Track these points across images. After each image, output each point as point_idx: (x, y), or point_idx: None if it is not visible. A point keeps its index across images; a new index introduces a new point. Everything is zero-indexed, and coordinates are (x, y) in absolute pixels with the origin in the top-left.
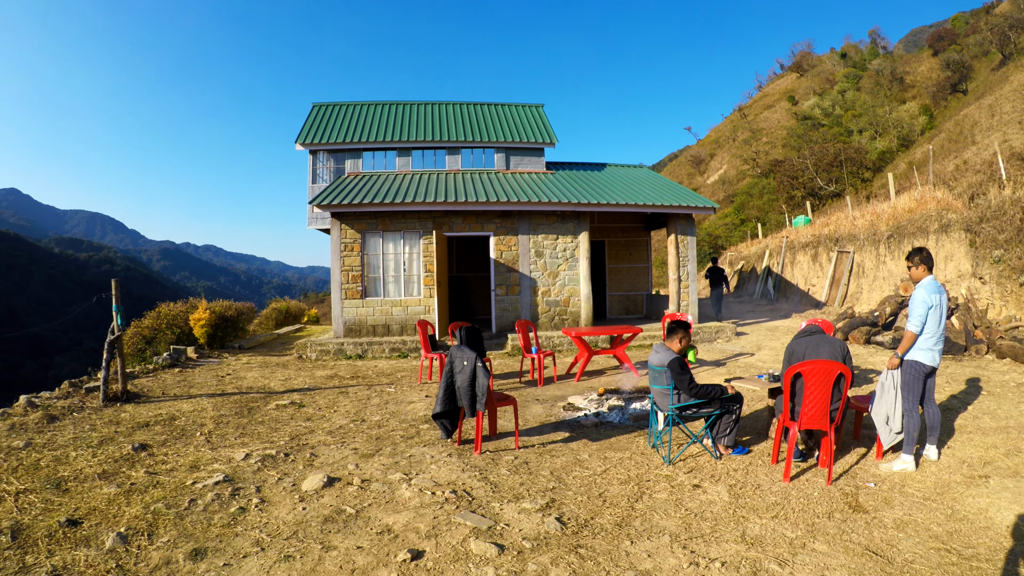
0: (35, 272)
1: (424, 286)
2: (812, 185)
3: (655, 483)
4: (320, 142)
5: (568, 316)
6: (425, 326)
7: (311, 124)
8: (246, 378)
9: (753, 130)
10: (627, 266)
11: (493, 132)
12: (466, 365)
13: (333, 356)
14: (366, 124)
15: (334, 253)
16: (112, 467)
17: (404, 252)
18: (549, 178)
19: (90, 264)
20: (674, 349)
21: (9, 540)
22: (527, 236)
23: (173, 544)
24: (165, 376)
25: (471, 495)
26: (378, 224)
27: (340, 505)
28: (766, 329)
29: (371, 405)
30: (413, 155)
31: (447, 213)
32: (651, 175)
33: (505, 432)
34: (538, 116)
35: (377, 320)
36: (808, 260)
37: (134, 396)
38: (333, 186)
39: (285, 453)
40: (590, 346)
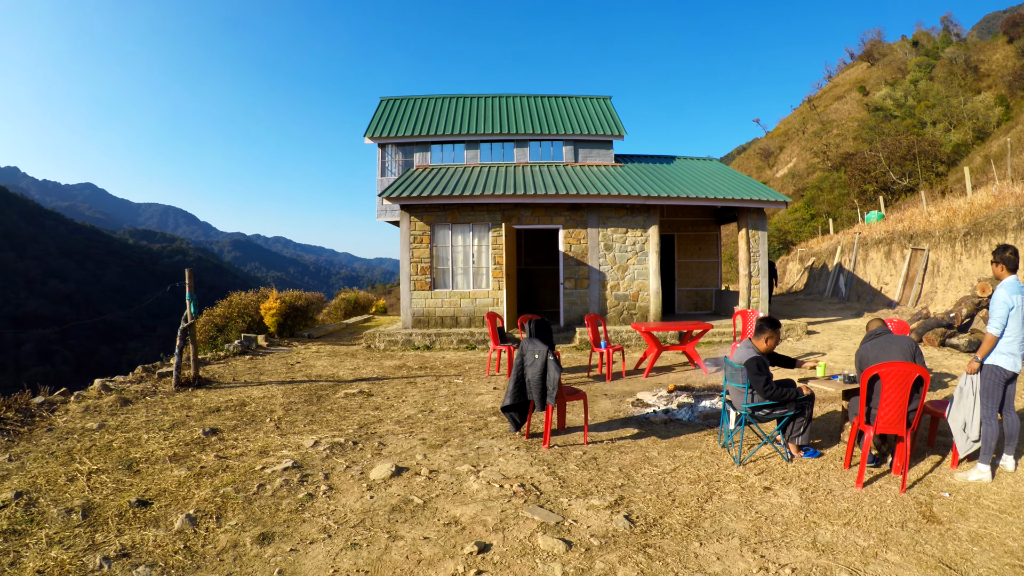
0: (110, 262)
1: (492, 278)
2: (884, 179)
3: (725, 484)
4: (388, 136)
5: (636, 311)
6: (494, 318)
7: (379, 118)
8: (315, 366)
9: (823, 122)
10: (696, 261)
11: (561, 124)
12: (537, 358)
13: (401, 346)
14: (434, 117)
15: (403, 245)
16: (183, 450)
17: (473, 244)
18: (618, 171)
19: (163, 255)
20: (760, 348)
21: (80, 518)
22: (596, 229)
23: (241, 528)
24: (236, 363)
25: (539, 489)
26: (447, 216)
27: (408, 495)
28: (837, 328)
29: (439, 396)
30: (481, 148)
31: (516, 206)
32: (721, 168)
33: (573, 427)
34: (606, 108)
35: (445, 312)
36: (881, 257)
37: (205, 382)
38: (402, 179)
39: (354, 441)
40: (659, 342)
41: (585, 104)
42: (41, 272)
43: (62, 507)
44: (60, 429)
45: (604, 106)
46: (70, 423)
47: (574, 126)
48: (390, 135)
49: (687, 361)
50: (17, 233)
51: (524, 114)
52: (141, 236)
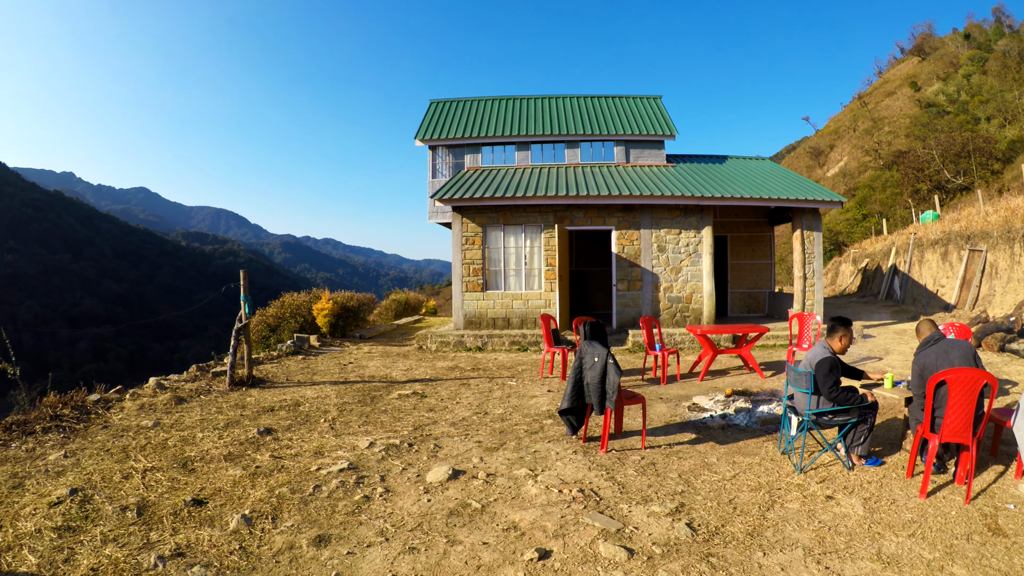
0: (163, 263)
1: (545, 280)
2: (939, 178)
3: (786, 492)
4: (439, 138)
5: (690, 313)
6: (548, 320)
7: (429, 120)
8: (368, 367)
9: (874, 119)
10: (749, 262)
11: (612, 125)
12: (596, 361)
13: (453, 347)
14: (484, 119)
15: (455, 247)
16: (238, 449)
17: (525, 246)
18: (670, 171)
19: (215, 256)
20: (835, 347)
21: (135, 516)
22: (649, 230)
23: (297, 529)
24: (289, 363)
25: (598, 495)
26: (499, 218)
27: (465, 499)
28: (893, 332)
29: (493, 398)
30: (532, 149)
31: (568, 207)
32: (774, 167)
33: (630, 431)
34: (657, 107)
35: (497, 313)
36: (937, 259)
37: (259, 381)
38: (454, 180)
39: (409, 443)
40: (715, 345)
41: (635, 104)
42: (96, 273)
43: (117, 505)
44: (115, 427)
45: (655, 105)
46: (125, 421)
47: (625, 126)
48: (440, 137)
49: (742, 365)
50: (73, 236)
51: (575, 115)
52: (193, 238)
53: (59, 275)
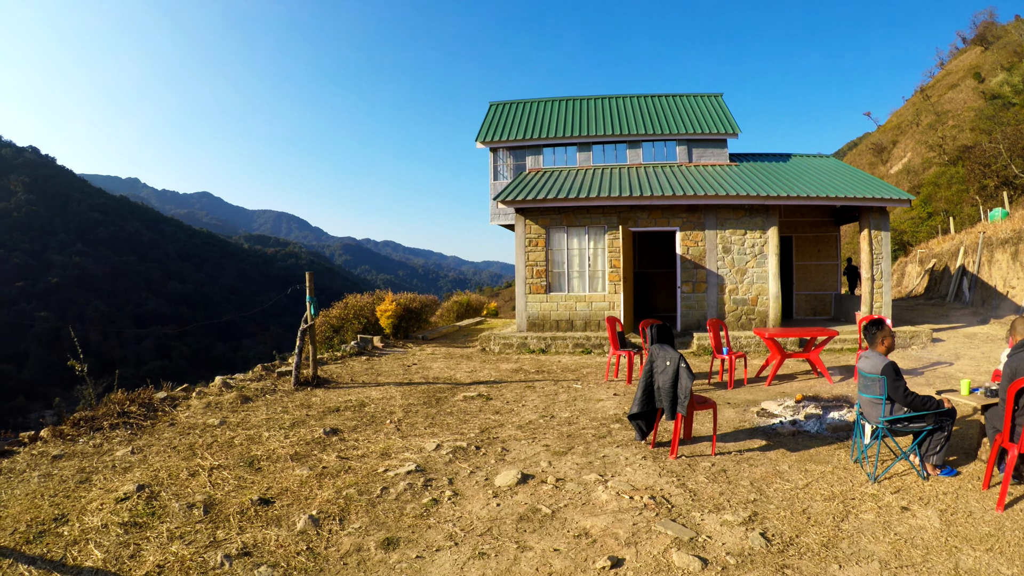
0: (226, 265)
1: (609, 282)
2: (1006, 173)
3: (860, 502)
4: (500, 140)
5: (755, 316)
6: (614, 323)
7: (490, 122)
8: (432, 368)
9: (937, 113)
10: (815, 263)
11: (673, 124)
12: (668, 365)
13: (516, 350)
14: (544, 120)
15: (518, 248)
16: (304, 449)
17: (588, 247)
18: (734, 170)
19: (276, 258)
20: (881, 352)
21: (201, 513)
22: (714, 231)
23: (365, 531)
24: (353, 363)
25: (670, 502)
26: (562, 220)
27: (535, 504)
28: (963, 336)
29: (559, 401)
30: (593, 150)
31: (632, 208)
32: (839, 165)
33: (699, 436)
34: (718, 105)
35: (561, 315)
36: (1007, 259)
37: (324, 381)
38: (516, 182)
39: (476, 446)
40: (783, 348)
41: (697, 102)
42: (161, 274)
43: (183, 502)
44: (182, 424)
45: (716, 104)
46: (192, 418)
47: (687, 125)
48: (501, 139)
49: (809, 369)
50: (139, 239)
51: (636, 114)
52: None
53: (125, 276)
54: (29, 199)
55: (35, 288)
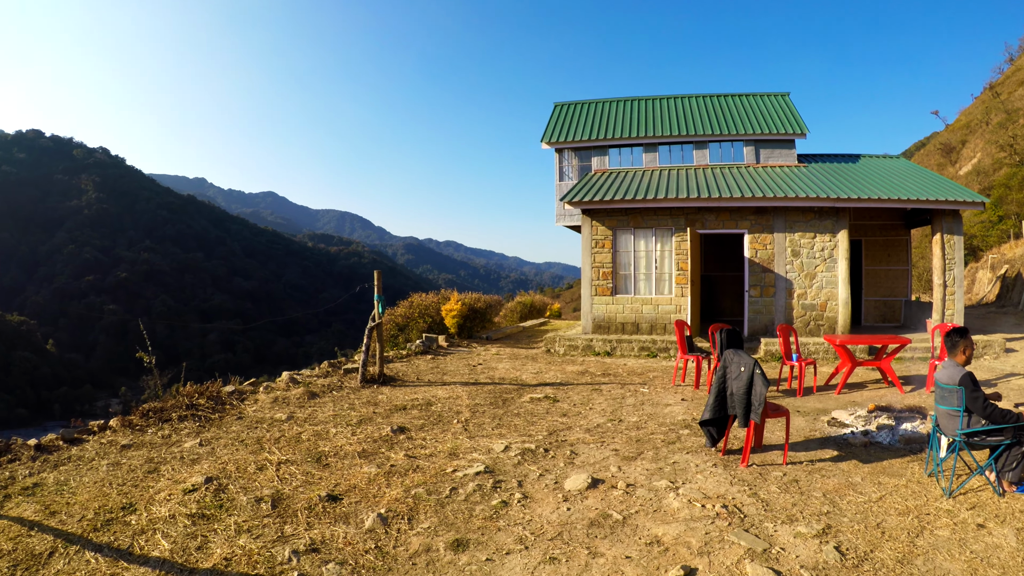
0: (290, 263)
1: (676, 285)
2: None
3: (935, 518)
4: (565, 140)
5: (824, 322)
6: (682, 326)
7: (554, 123)
8: (497, 369)
9: (1008, 111)
10: (885, 268)
11: (740, 124)
12: (743, 371)
13: (581, 352)
14: (610, 121)
15: (585, 250)
16: (371, 447)
17: (656, 249)
18: (802, 171)
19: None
20: (959, 362)
21: (269, 508)
22: (783, 234)
23: (433, 532)
24: (418, 362)
25: (742, 511)
26: (629, 221)
27: (606, 509)
28: None
29: (626, 405)
30: (660, 151)
31: (699, 210)
32: (910, 166)
33: (769, 445)
34: (785, 105)
35: (627, 318)
36: None
37: (390, 379)
38: (582, 183)
39: (544, 448)
40: (853, 356)
41: (763, 102)
42: (226, 271)
43: (251, 496)
44: (249, 418)
45: (783, 103)
46: (259, 413)
47: (754, 125)
48: (566, 140)
49: (879, 378)
50: (206, 236)
51: (702, 114)
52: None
53: (192, 272)
54: (99, 197)
55: (104, 282)
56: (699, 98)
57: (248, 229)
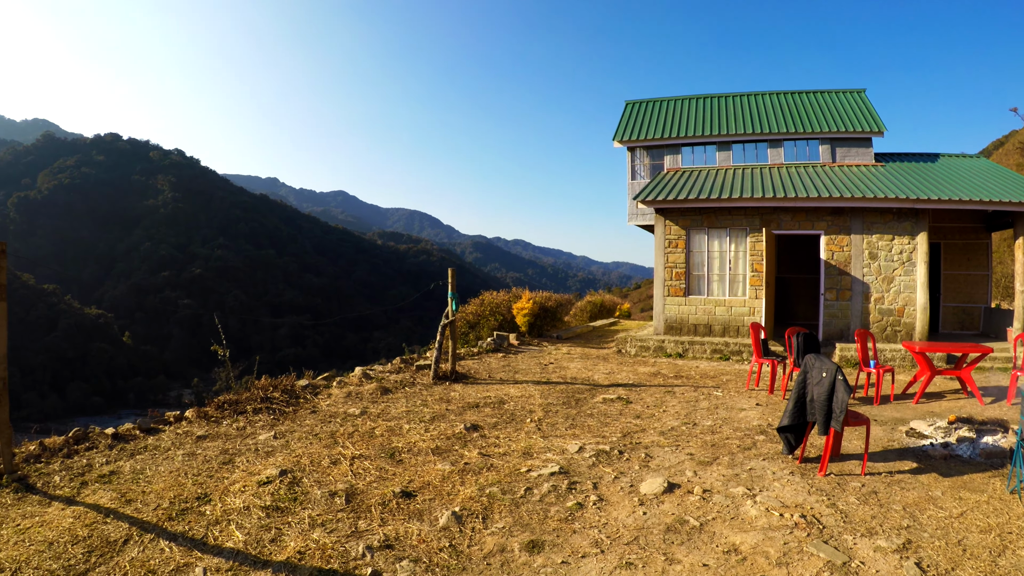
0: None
1: (750, 286)
2: None
3: (1018, 537)
4: (637, 139)
5: (901, 327)
6: (758, 329)
7: (626, 122)
8: (569, 368)
9: None
10: (964, 273)
11: (815, 122)
12: (824, 377)
13: (653, 353)
14: (682, 119)
15: (657, 250)
16: (445, 444)
17: (730, 250)
18: (880, 171)
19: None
20: None
21: (343, 503)
22: (860, 236)
23: (508, 532)
24: (490, 360)
25: (820, 522)
26: (703, 221)
27: (682, 515)
28: None
29: (700, 408)
30: (733, 149)
31: (775, 210)
32: (992, 166)
33: (846, 454)
34: (862, 102)
35: (699, 319)
36: None
37: (462, 377)
38: (655, 182)
39: (619, 451)
40: (932, 364)
41: (839, 99)
42: (298, 268)
43: (326, 490)
44: (323, 412)
45: (859, 100)
46: (332, 407)
47: (829, 123)
48: (638, 138)
49: (958, 388)
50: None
51: (776, 112)
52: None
53: (264, 269)
54: (175, 197)
55: (179, 278)
56: (773, 95)
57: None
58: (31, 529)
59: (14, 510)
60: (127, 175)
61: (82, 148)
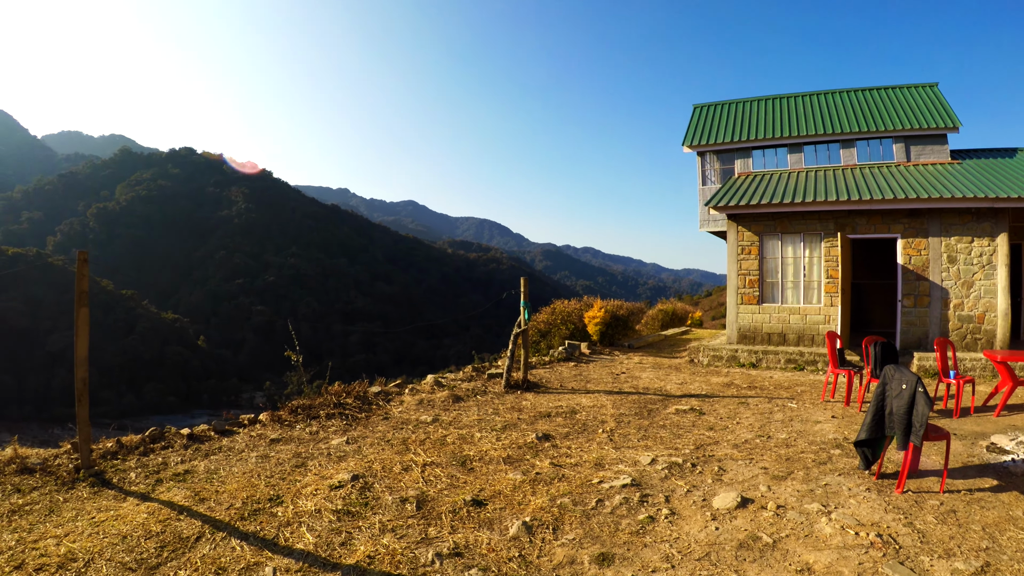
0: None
1: (825, 293)
2: None
3: None
4: (706, 143)
5: (981, 335)
6: (834, 338)
7: (695, 126)
8: (641, 378)
9: None
10: None
11: (888, 119)
12: (904, 389)
13: (725, 362)
14: (751, 121)
15: (730, 256)
16: (516, 453)
17: (804, 256)
18: (956, 169)
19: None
20: None
21: (414, 509)
22: (938, 238)
23: (578, 544)
24: (561, 369)
25: (897, 542)
26: (776, 226)
27: (755, 531)
28: None
29: (774, 420)
30: (805, 151)
31: (849, 213)
32: None
33: (925, 470)
34: (934, 96)
35: (773, 328)
36: None
37: (533, 385)
38: (726, 187)
39: (692, 463)
40: (1015, 374)
41: (911, 94)
42: (368, 276)
43: (396, 496)
44: (395, 419)
45: (932, 94)
46: (405, 414)
47: (902, 120)
48: (708, 143)
49: None
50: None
51: (847, 110)
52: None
53: (335, 277)
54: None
55: (253, 285)
56: (843, 93)
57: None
58: (106, 522)
59: (90, 503)
60: (202, 187)
61: (158, 161)
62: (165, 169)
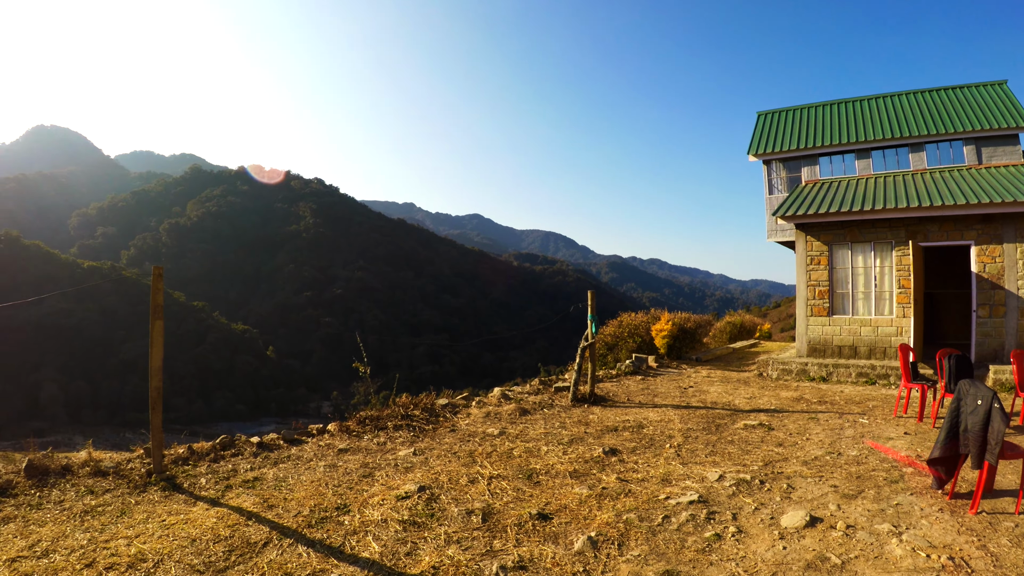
0: (496, 281)
1: (896, 304)
2: None
3: None
4: (772, 151)
5: None
6: (907, 351)
7: (760, 133)
8: (709, 392)
9: None
10: None
11: (957, 120)
12: (980, 405)
13: (795, 376)
14: (816, 127)
15: (799, 267)
16: (583, 467)
17: (875, 265)
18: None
19: (544, 276)
20: None
21: (480, 521)
22: (1013, 244)
23: (643, 560)
24: (628, 382)
25: (969, 565)
26: (846, 235)
27: (823, 551)
28: None
29: (845, 437)
30: (872, 156)
31: (920, 220)
32: None
33: (1000, 490)
34: (1004, 95)
35: (843, 340)
36: None
37: (600, 399)
38: (793, 196)
39: (760, 480)
40: None
41: (979, 93)
42: (435, 289)
43: (462, 508)
44: (462, 431)
45: (1002, 92)
46: (471, 426)
47: (972, 121)
48: (773, 150)
49: None
50: (415, 256)
51: (914, 112)
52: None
53: (402, 289)
54: (316, 223)
55: (321, 297)
56: (909, 95)
57: (455, 249)
58: (175, 526)
59: (160, 507)
60: (270, 203)
61: (227, 179)
62: (234, 186)
